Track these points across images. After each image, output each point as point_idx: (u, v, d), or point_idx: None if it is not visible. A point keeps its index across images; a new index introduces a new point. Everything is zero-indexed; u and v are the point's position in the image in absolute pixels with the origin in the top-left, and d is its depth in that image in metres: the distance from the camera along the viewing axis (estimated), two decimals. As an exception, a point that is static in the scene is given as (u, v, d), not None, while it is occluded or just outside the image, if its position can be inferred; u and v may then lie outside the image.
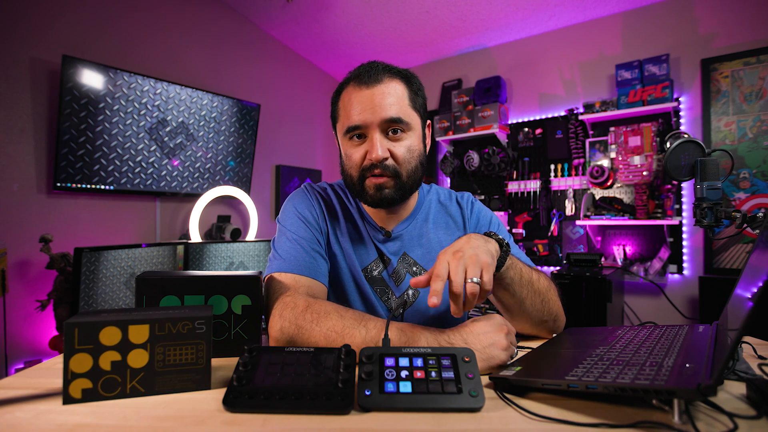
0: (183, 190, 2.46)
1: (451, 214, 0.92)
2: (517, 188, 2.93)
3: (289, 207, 0.86)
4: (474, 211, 0.93)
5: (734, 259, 2.25)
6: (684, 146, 1.05)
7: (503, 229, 0.91)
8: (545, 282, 0.76)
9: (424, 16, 2.74)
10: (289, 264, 0.76)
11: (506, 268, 0.67)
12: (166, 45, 2.44)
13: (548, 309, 0.76)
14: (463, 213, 0.92)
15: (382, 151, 0.75)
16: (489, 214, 0.93)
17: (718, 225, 1.01)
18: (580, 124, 2.68)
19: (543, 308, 0.75)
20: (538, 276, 0.75)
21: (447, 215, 0.92)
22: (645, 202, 2.44)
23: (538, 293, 0.74)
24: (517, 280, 0.70)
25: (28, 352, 1.88)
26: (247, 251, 1.99)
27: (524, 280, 0.71)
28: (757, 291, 0.42)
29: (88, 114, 2.01)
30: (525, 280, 0.71)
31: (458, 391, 0.48)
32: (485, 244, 0.62)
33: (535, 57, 2.93)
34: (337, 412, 0.46)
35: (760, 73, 2.20)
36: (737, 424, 0.40)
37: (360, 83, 0.77)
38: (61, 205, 2.00)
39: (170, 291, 0.65)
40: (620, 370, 0.47)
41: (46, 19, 1.94)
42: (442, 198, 0.94)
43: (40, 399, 0.50)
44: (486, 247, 0.61)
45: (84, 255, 1.35)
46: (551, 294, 0.77)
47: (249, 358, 0.53)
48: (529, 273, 0.73)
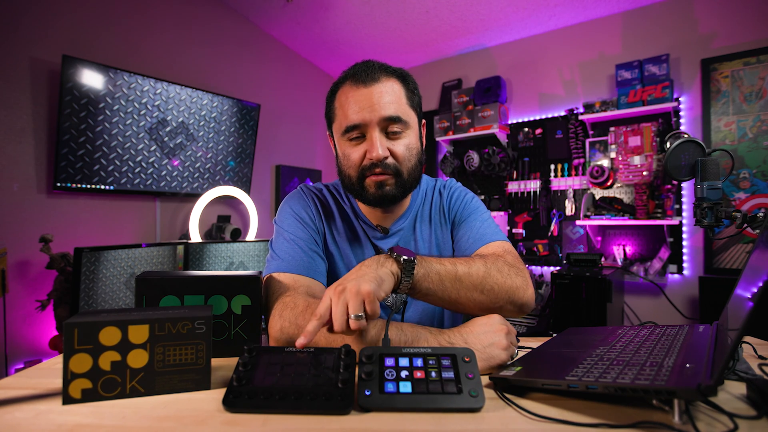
0: (183, 190, 2.46)
1: (434, 205, 0.92)
2: (517, 188, 2.93)
3: (286, 208, 0.86)
4: (448, 195, 0.91)
5: (734, 259, 2.25)
6: (684, 146, 1.05)
7: (481, 209, 0.89)
8: (479, 270, 0.68)
9: (424, 16, 2.74)
10: (287, 264, 0.76)
11: (417, 282, 0.63)
12: (166, 45, 2.44)
13: (494, 296, 0.68)
14: (443, 201, 0.91)
15: (383, 150, 0.75)
16: (464, 195, 0.92)
17: (718, 225, 1.01)
18: (580, 124, 2.68)
19: (485, 298, 0.68)
20: (468, 268, 0.68)
21: (431, 207, 0.92)
22: (645, 202, 2.44)
23: (474, 287, 0.67)
24: (438, 287, 0.65)
25: (28, 352, 1.88)
26: (247, 251, 1.99)
27: (447, 283, 0.66)
28: (758, 291, 0.41)
29: (88, 114, 2.01)
30: (448, 282, 0.66)
31: (458, 391, 0.48)
32: (375, 270, 0.60)
33: (535, 57, 2.93)
34: (337, 412, 0.46)
35: (760, 73, 2.20)
36: (737, 425, 0.40)
37: (357, 82, 0.76)
38: (61, 205, 2.00)
39: (170, 291, 0.65)
40: (620, 370, 0.47)
41: (46, 19, 1.94)
42: (428, 190, 0.94)
43: (40, 399, 0.50)
44: (374, 274, 0.58)
45: (84, 255, 1.35)
46: (493, 279, 0.69)
47: (249, 358, 0.53)
48: (453, 272, 0.66)
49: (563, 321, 2.15)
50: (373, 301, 0.55)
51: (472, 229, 0.85)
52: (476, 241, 0.83)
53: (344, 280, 0.58)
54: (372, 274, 0.58)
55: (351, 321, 0.53)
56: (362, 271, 0.59)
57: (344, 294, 0.55)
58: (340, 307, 0.54)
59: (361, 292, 0.55)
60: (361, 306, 0.54)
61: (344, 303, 0.54)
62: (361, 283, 0.56)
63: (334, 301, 0.55)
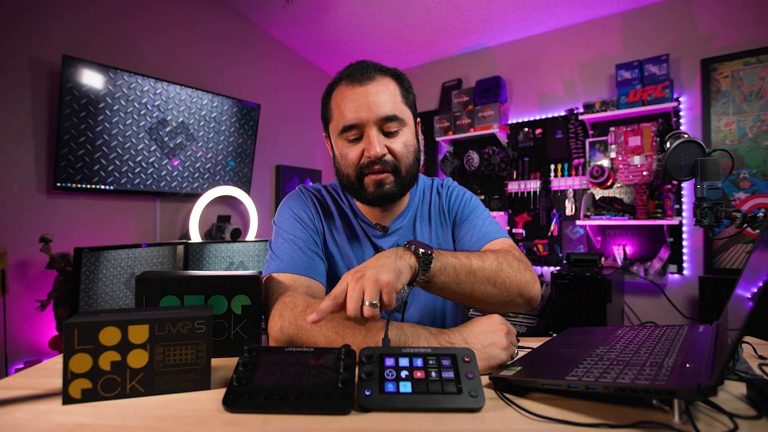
0: (183, 190, 2.46)
1: (433, 204, 0.92)
2: (517, 188, 2.93)
3: (285, 209, 0.86)
4: (448, 194, 0.93)
5: (734, 259, 2.25)
6: (684, 146, 1.05)
7: (480, 209, 0.91)
8: (492, 265, 0.70)
9: (424, 16, 2.74)
10: (287, 264, 0.76)
11: (433, 275, 0.64)
12: (166, 45, 2.44)
13: (505, 289, 0.70)
14: (441, 200, 0.92)
15: (380, 147, 0.75)
16: (462, 194, 0.93)
17: (718, 225, 1.01)
18: (580, 124, 2.68)
19: (498, 291, 0.70)
20: (482, 262, 0.69)
21: (429, 206, 0.92)
22: (645, 202, 2.44)
23: (487, 280, 0.68)
24: (454, 280, 0.66)
25: (28, 352, 1.88)
26: (247, 251, 1.99)
27: (462, 277, 0.67)
28: (758, 291, 0.41)
29: (88, 114, 2.01)
30: (464, 275, 0.67)
31: (458, 391, 0.48)
32: (394, 261, 0.60)
33: (535, 57, 2.93)
34: (337, 412, 0.46)
35: (760, 73, 2.19)
36: (737, 425, 0.40)
37: (352, 82, 0.76)
38: (61, 205, 2.00)
39: (170, 291, 0.65)
40: (620, 370, 0.47)
41: (46, 19, 1.94)
42: (426, 189, 0.94)
43: (39, 399, 0.50)
44: (393, 266, 0.58)
45: (84, 255, 1.35)
46: (505, 273, 0.71)
47: (249, 358, 0.53)
48: (468, 265, 0.67)
49: (563, 321, 2.15)
50: (391, 292, 0.55)
51: (474, 227, 0.86)
52: (480, 239, 0.84)
53: (363, 268, 0.58)
54: (391, 265, 0.58)
55: (365, 308, 0.53)
56: (381, 261, 0.59)
57: (362, 280, 0.55)
58: (357, 292, 0.54)
59: (380, 281, 0.55)
60: (378, 295, 0.54)
61: (361, 289, 0.54)
62: (380, 273, 0.56)
63: (351, 285, 0.55)
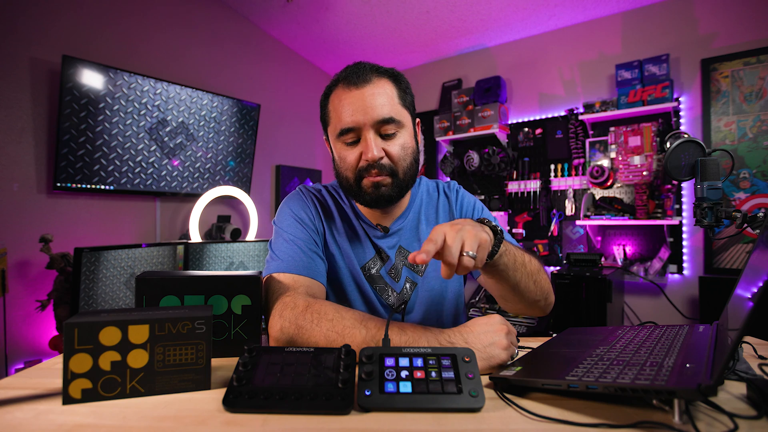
0: (183, 190, 2.46)
1: (441, 205, 0.93)
2: (517, 188, 2.93)
3: (285, 209, 0.86)
4: (459, 198, 0.94)
5: (734, 259, 2.25)
6: (684, 146, 1.05)
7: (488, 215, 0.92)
8: (536, 263, 0.77)
9: (424, 16, 2.74)
10: (287, 264, 0.76)
11: (500, 255, 0.65)
12: (166, 45, 2.44)
13: (540, 289, 0.77)
14: (450, 203, 0.93)
15: (377, 151, 0.75)
16: (474, 200, 0.95)
17: (718, 225, 1.01)
18: (580, 124, 2.68)
19: (535, 289, 0.75)
20: (529, 258, 0.76)
21: (436, 207, 0.93)
22: (645, 202, 2.44)
23: (531, 275, 0.74)
24: (511, 265, 0.69)
25: (28, 352, 1.88)
26: (247, 251, 1.99)
27: (518, 264, 0.70)
28: (758, 291, 0.41)
29: (88, 114, 2.01)
30: (518, 263, 0.71)
31: (458, 391, 0.48)
32: (481, 228, 0.61)
33: (535, 57, 2.93)
34: (337, 412, 0.46)
35: (760, 73, 2.19)
36: (737, 425, 0.40)
37: (349, 84, 0.76)
38: (61, 205, 2.00)
39: (170, 291, 0.65)
40: (620, 370, 0.47)
41: (46, 19, 1.94)
42: (431, 190, 0.95)
43: (39, 399, 0.50)
44: (481, 229, 0.60)
45: (84, 255, 1.35)
46: (542, 274, 0.78)
47: (249, 358, 0.53)
48: (522, 256, 0.72)
49: (563, 321, 2.15)
50: (486, 248, 0.57)
51: None
52: None
53: (461, 221, 0.58)
54: (481, 228, 0.59)
55: (465, 257, 0.53)
56: (471, 223, 0.59)
57: (462, 232, 0.55)
58: (457, 242, 0.54)
59: (479, 236, 0.56)
60: (476, 247, 0.55)
61: (461, 239, 0.54)
62: (478, 230, 0.57)
63: (451, 235, 0.54)
